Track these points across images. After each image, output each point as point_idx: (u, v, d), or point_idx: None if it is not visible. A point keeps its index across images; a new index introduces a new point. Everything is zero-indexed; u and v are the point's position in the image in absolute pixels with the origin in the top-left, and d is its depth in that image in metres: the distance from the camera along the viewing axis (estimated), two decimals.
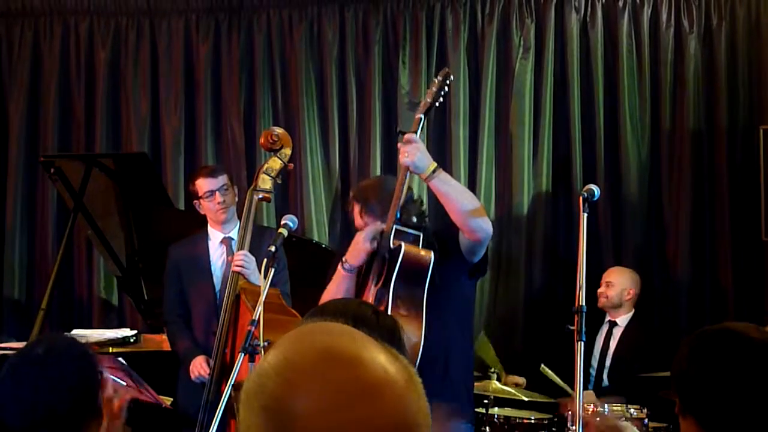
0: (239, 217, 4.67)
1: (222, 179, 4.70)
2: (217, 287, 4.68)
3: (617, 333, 5.69)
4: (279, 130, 4.49)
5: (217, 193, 4.67)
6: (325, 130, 6.38)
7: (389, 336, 2.06)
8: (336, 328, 1.15)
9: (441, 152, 6.21)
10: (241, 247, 4.38)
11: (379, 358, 1.09)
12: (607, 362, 5.65)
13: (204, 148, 6.46)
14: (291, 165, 4.52)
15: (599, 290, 5.70)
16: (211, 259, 4.73)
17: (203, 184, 4.69)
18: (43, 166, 5.65)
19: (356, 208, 3.87)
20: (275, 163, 4.42)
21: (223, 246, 4.75)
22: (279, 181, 4.47)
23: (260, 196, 4.39)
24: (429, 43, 6.31)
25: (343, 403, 1.04)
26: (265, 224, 5.96)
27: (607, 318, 5.75)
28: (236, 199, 4.79)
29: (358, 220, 3.86)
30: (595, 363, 5.67)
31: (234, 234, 4.69)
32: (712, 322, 2.19)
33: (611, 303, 5.69)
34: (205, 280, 4.70)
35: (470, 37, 6.33)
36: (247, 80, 6.48)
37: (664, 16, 6.18)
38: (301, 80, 6.37)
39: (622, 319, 5.71)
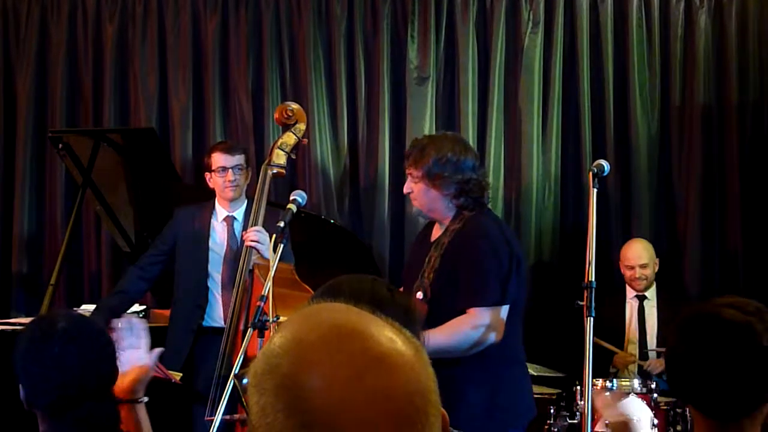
0: (248, 197, 4.68)
1: (238, 158, 4.71)
2: (210, 262, 4.72)
3: (651, 308, 5.49)
4: (294, 106, 4.49)
5: (230, 171, 4.67)
6: (334, 106, 6.35)
7: (404, 313, 2.07)
8: (340, 307, 1.16)
9: (450, 128, 6.19)
10: (255, 223, 4.39)
11: (385, 331, 1.11)
12: (652, 341, 5.40)
13: (212, 124, 6.42)
14: (305, 140, 4.55)
15: (633, 274, 5.46)
16: (211, 233, 4.75)
17: (218, 159, 4.70)
18: (51, 142, 5.64)
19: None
20: (290, 138, 4.44)
21: (224, 224, 4.76)
22: (293, 157, 4.50)
23: (274, 171, 4.41)
24: (438, 18, 6.27)
25: (354, 375, 1.05)
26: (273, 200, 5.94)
27: (633, 294, 5.55)
28: (248, 181, 4.79)
29: None
30: (635, 345, 5.38)
31: (238, 214, 4.71)
32: (722, 295, 2.20)
33: (650, 282, 5.51)
34: (199, 252, 4.74)
35: (479, 11, 6.28)
36: (255, 55, 6.43)
37: None
38: (309, 55, 6.32)
39: (651, 292, 5.54)
